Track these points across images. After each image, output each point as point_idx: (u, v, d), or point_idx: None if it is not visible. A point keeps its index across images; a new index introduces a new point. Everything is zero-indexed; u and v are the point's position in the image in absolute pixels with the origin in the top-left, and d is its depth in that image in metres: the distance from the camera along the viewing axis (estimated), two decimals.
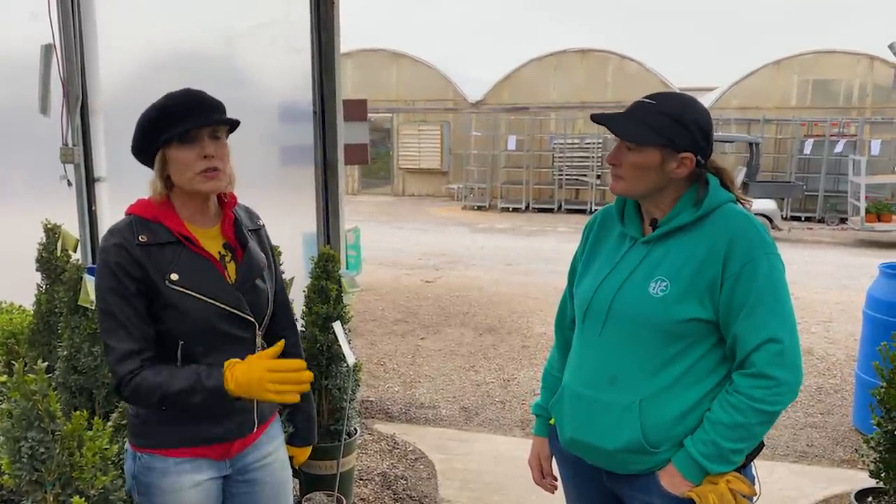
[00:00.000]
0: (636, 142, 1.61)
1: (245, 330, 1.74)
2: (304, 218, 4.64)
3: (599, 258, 1.76)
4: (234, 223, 1.79)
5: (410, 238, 12.31)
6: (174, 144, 1.64)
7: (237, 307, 1.71)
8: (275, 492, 1.89)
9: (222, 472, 1.79)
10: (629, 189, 1.66)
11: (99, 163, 4.13)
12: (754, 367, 1.56)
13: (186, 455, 1.71)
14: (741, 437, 1.56)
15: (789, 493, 3.62)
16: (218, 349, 1.69)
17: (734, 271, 1.56)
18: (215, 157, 1.65)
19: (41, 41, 3.79)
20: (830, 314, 7.28)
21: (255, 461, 1.84)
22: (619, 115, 1.65)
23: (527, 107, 17.55)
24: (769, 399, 1.55)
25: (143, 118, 1.67)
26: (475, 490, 3.59)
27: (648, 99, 1.65)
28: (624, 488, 1.70)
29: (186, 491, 1.71)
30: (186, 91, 1.68)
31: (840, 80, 15.80)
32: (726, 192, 1.66)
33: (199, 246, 1.70)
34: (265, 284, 1.81)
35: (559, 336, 1.94)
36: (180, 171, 1.66)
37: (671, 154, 1.61)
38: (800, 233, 13.33)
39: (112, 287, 1.61)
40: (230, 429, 1.75)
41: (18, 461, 1.39)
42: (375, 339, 6.33)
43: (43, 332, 3.05)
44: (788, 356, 1.56)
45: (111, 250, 1.63)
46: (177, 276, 1.64)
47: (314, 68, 4.25)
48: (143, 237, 1.64)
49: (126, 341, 1.61)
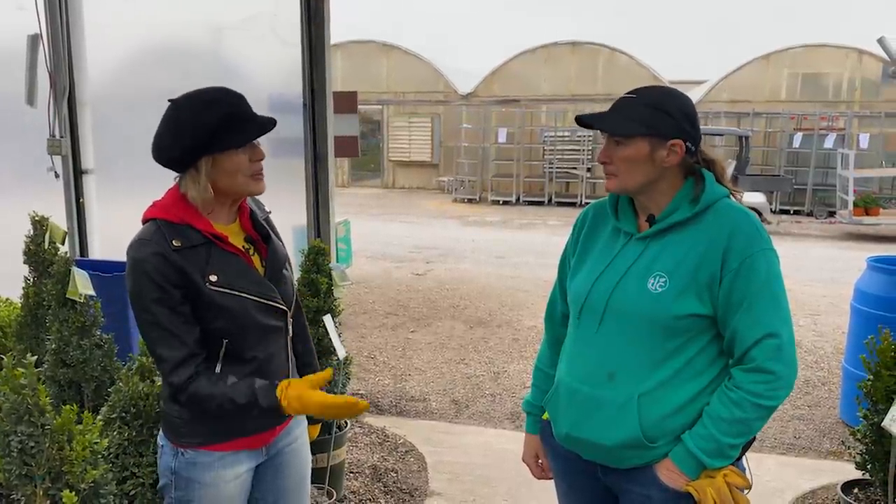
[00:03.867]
0: (621, 133, 1.62)
1: (279, 319, 1.78)
2: (295, 211, 4.64)
3: (593, 253, 1.76)
4: (251, 216, 1.81)
5: (401, 231, 12.30)
6: (231, 150, 1.64)
7: (271, 298, 1.74)
8: (299, 474, 1.94)
9: (259, 461, 1.83)
10: (624, 184, 1.66)
11: (87, 155, 4.10)
12: (754, 362, 1.57)
13: (230, 448, 1.75)
14: (740, 432, 1.58)
15: (776, 484, 3.65)
16: (259, 342, 1.73)
17: (733, 267, 1.57)
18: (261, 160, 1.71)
19: (27, 31, 3.75)
20: (818, 307, 7.33)
21: (286, 445, 1.89)
22: (602, 114, 1.66)
23: (517, 99, 17.54)
24: (768, 394, 1.57)
25: (193, 126, 1.62)
26: (465, 483, 3.60)
27: (631, 94, 1.67)
28: (620, 482, 1.71)
29: (227, 483, 1.74)
30: (237, 96, 1.68)
31: (829, 73, 15.87)
32: (722, 188, 1.67)
33: (229, 243, 1.71)
34: (289, 273, 1.86)
35: (549, 332, 1.94)
36: (230, 175, 1.66)
37: (659, 143, 1.62)
38: (788, 226, 13.41)
39: (156, 298, 1.60)
40: (270, 418, 1.78)
41: (8, 455, 1.38)
42: (366, 332, 6.33)
43: (31, 324, 3.03)
44: (786, 351, 1.58)
45: (149, 260, 1.60)
46: (216, 277, 1.65)
47: (304, 61, 4.23)
48: (177, 242, 1.62)
49: (178, 349, 1.62)
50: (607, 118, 1.65)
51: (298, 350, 1.97)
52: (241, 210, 1.79)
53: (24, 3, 3.77)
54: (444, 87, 18.51)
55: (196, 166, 1.65)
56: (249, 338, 1.71)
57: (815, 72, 15.93)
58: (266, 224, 1.87)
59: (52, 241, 3.12)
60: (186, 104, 1.64)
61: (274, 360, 1.77)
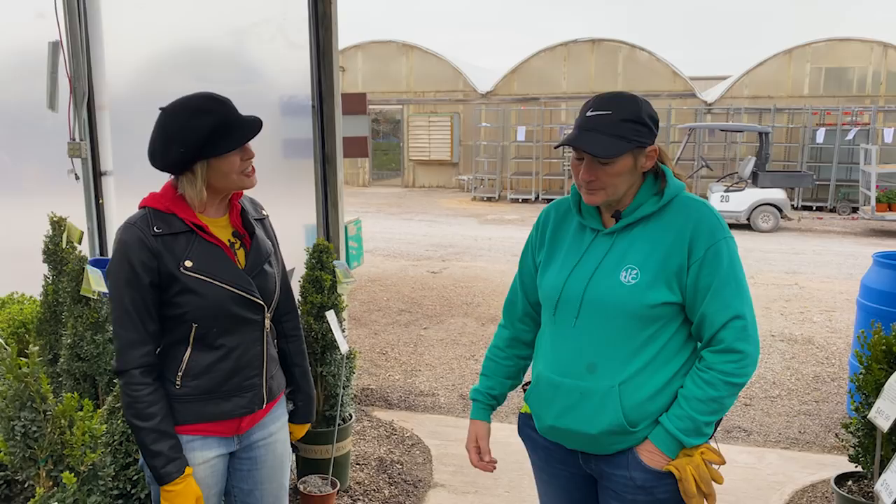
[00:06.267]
0: (612, 156, 1.66)
1: (255, 312, 1.87)
2: (306, 210, 4.74)
3: (562, 250, 1.82)
4: (241, 213, 1.92)
5: (419, 230, 12.40)
6: (225, 154, 1.76)
7: (248, 291, 1.84)
8: (273, 468, 2.02)
9: (230, 449, 1.92)
10: (610, 196, 1.71)
11: (105, 157, 4.25)
12: (723, 343, 1.67)
13: (197, 433, 1.83)
14: (713, 410, 1.68)
15: (778, 478, 3.68)
16: (230, 331, 1.83)
17: (699, 256, 1.67)
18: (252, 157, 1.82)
19: (48, 39, 3.90)
20: (834, 303, 7.29)
21: (260, 439, 1.97)
22: (584, 136, 1.68)
23: (537, 97, 17.54)
24: (738, 372, 1.67)
25: (186, 135, 1.72)
26: (468, 475, 3.68)
27: (603, 111, 1.68)
28: (602, 467, 1.79)
29: (197, 466, 1.83)
30: (224, 102, 1.78)
31: (853, 67, 15.66)
32: (680, 181, 1.75)
33: (211, 234, 1.82)
34: (272, 269, 1.94)
35: (509, 328, 2.00)
36: (224, 175, 1.79)
37: (640, 152, 1.70)
38: (810, 222, 13.27)
39: (127, 279, 1.73)
40: (240, 405, 1.87)
41: (12, 439, 1.50)
42: (379, 329, 6.43)
43: (50, 321, 3.16)
44: (751, 330, 1.68)
45: (128, 242, 1.74)
46: (191, 263, 1.76)
47: (313, 64, 4.33)
48: (158, 228, 1.76)
49: (133, 331, 1.74)
50: (594, 141, 1.66)
51: (289, 350, 2.07)
52: (232, 206, 1.90)
53: (45, 11, 3.92)
54: (464, 86, 18.57)
55: (192, 170, 1.77)
56: (219, 326, 1.80)
57: (839, 66, 15.72)
58: (260, 224, 1.97)
59: (70, 240, 3.26)
60: (176, 112, 1.74)
61: (247, 352, 1.86)
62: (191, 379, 1.80)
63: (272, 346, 1.97)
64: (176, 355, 1.80)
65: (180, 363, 1.79)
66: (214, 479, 1.89)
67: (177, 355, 1.80)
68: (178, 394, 1.80)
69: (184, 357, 1.79)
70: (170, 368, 1.80)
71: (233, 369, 1.83)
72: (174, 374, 1.79)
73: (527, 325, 1.97)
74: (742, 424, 4.38)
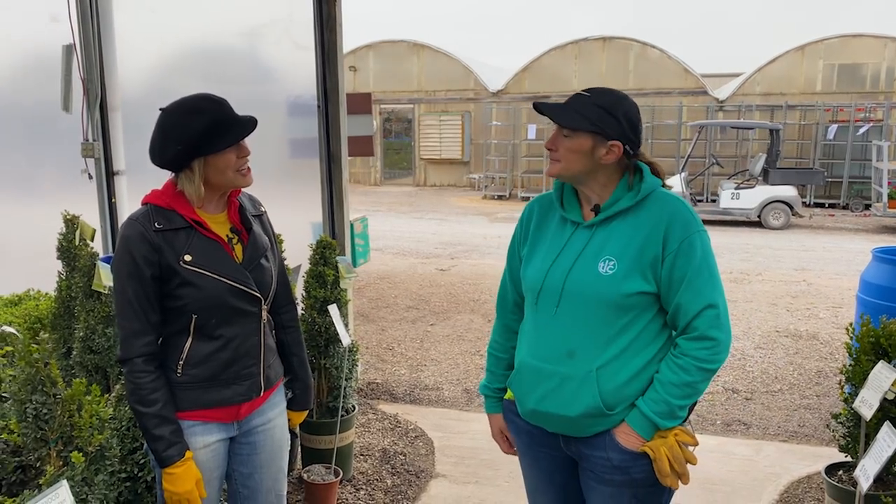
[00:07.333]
0: (570, 127, 1.79)
1: (252, 304, 1.96)
2: (313, 208, 4.84)
3: (544, 243, 1.91)
4: (239, 209, 2.01)
5: (428, 228, 12.49)
6: (221, 151, 1.85)
7: (245, 283, 1.93)
8: (272, 453, 2.12)
9: (230, 434, 2.01)
10: (563, 170, 1.83)
11: (118, 157, 4.37)
12: (697, 330, 1.76)
13: (197, 419, 1.93)
14: (687, 394, 1.76)
15: (774, 469, 3.73)
16: (228, 322, 1.92)
17: (673, 248, 1.75)
18: (248, 155, 1.91)
19: (62, 42, 4.02)
20: (841, 300, 7.30)
21: (259, 425, 2.06)
22: (557, 106, 1.82)
23: (548, 95, 17.56)
24: (711, 358, 1.76)
25: (182, 133, 1.82)
26: (469, 466, 3.77)
27: (585, 92, 1.82)
28: (581, 449, 1.87)
29: (197, 451, 1.92)
30: (220, 101, 1.88)
31: (867, 63, 15.57)
32: (656, 178, 1.83)
33: (209, 229, 1.91)
34: (269, 264, 2.03)
35: (501, 319, 2.10)
36: (221, 172, 1.88)
37: (601, 141, 1.78)
38: (821, 220, 13.24)
39: (130, 272, 1.83)
40: (239, 392, 1.97)
41: (24, 421, 1.60)
42: (386, 325, 6.53)
43: (64, 316, 3.28)
44: (723, 318, 1.77)
45: (130, 236, 1.84)
46: (190, 257, 1.86)
47: (318, 64, 4.43)
48: (159, 224, 1.85)
49: (135, 321, 1.84)
50: (560, 111, 1.81)
51: (287, 340, 2.16)
52: (230, 203, 1.99)
53: (59, 15, 4.04)
54: (475, 85, 18.65)
55: (190, 167, 1.87)
56: (217, 317, 1.90)
57: (852, 62, 15.64)
58: (257, 220, 2.06)
59: (83, 238, 3.38)
60: (173, 112, 1.85)
61: (245, 342, 1.96)
62: (191, 367, 1.90)
63: (269, 336, 2.06)
64: (177, 345, 1.90)
65: (181, 353, 1.89)
66: (216, 462, 1.98)
67: (178, 345, 1.90)
68: (179, 381, 1.89)
69: (184, 347, 1.89)
70: (171, 358, 1.90)
71: (231, 358, 1.93)
72: (175, 363, 1.89)
73: (518, 316, 2.05)
74: (742, 418, 4.43)
